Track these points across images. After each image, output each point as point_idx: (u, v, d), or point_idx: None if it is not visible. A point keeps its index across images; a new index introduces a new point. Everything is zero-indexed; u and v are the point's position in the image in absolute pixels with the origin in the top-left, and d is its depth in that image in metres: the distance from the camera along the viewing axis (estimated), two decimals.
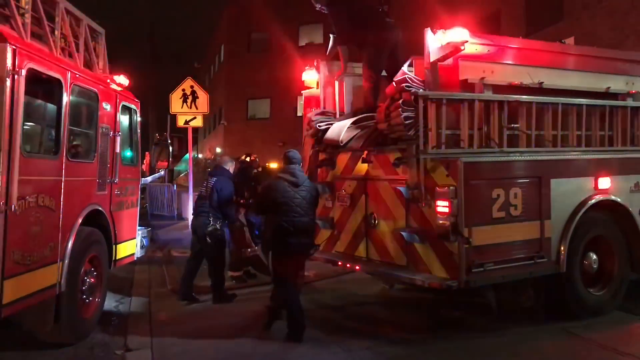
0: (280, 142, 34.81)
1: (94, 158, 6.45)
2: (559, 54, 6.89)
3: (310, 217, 6.32)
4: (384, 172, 6.54)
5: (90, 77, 6.49)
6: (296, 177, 6.30)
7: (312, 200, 6.36)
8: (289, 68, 27.19)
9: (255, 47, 36.81)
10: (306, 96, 8.41)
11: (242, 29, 36.62)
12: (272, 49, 35.09)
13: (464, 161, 5.61)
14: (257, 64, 34.66)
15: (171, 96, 13.88)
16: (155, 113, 30.08)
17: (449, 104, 5.80)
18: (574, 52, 7.00)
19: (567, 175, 6.36)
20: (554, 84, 6.53)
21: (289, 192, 6.19)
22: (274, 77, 32.20)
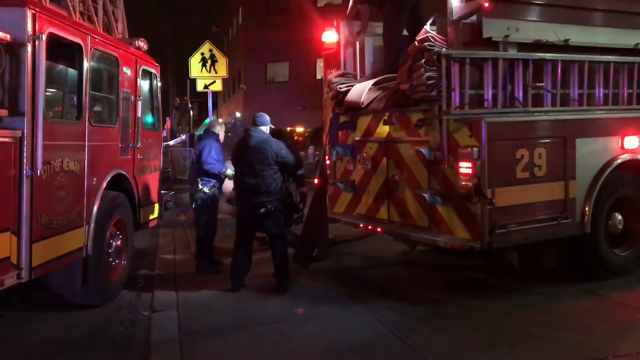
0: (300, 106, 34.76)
1: (116, 123, 6.47)
2: (587, 10, 6.67)
3: (261, 178, 6.46)
4: (406, 133, 6.48)
5: (109, 42, 6.47)
6: (248, 138, 6.63)
7: (265, 161, 6.47)
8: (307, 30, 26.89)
9: (273, 8, 36.37)
10: (326, 57, 8.30)
11: None
12: (290, 10, 34.65)
13: (487, 121, 5.52)
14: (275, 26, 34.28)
15: (190, 60, 13.84)
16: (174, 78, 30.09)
17: (472, 63, 5.68)
18: (602, 7, 6.76)
19: (593, 135, 6.24)
20: (580, 41, 6.34)
21: (237, 153, 6.72)
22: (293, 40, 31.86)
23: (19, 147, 4.68)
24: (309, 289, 6.59)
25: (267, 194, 6.51)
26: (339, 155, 7.59)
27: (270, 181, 6.53)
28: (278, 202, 6.62)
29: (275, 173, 6.59)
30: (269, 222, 6.59)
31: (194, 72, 13.80)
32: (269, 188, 6.51)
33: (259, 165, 6.50)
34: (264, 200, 6.50)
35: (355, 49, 7.86)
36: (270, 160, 6.53)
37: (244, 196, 6.64)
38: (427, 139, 6.09)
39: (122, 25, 7.98)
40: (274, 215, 6.58)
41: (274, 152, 6.56)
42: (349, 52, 7.91)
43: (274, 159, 6.55)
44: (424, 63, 5.78)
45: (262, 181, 6.50)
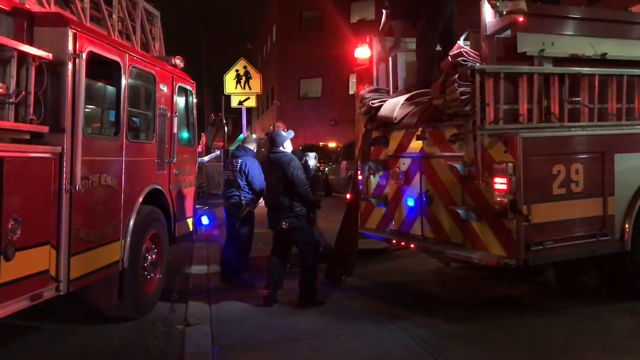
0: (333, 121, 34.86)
1: (153, 139, 6.58)
2: (624, 23, 6.54)
3: (281, 195, 6.61)
4: (439, 148, 6.43)
5: (147, 59, 6.60)
6: (268, 158, 6.96)
7: (283, 179, 6.61)
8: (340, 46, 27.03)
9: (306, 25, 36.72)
10: (359, 73, 8.31)
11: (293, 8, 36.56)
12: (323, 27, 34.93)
13: (522, 137, 5.43)
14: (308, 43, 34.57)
15: (225, 77, 14.05)
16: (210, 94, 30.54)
17: (506, 78, 5.61)
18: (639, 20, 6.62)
19: (632, 150, 6.08)
20: (618, 54, 6.21)
21: (264, 170, 7.37)
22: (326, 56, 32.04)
23: (59, 163, 4.79)
24: (342, 305, 6.54)
25: (288, 210, 6.58)
26: (371, 171, 7.56)
27: (289, 198, 6.59)
28: (297, 218, 6.62)
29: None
30: (293, 236, 6.68)
31: (228, 88, 14.00)
32: (289, 204, 6.58)
33: (279, 183, 6.66)
34: (283, 216, 6.59)
35: (388, 65, 7.85)
36: (288, 177, 6.60)
37: (269, 211, 6.84)
38: (461, 154, 6.02)
39: (159, 44, 8.15)
40: (297, 230, 6.63)
41: (288, 171, 6.60)
42: (382, 67, 7.90)
43: (289, 177, 6.60)
44: (457, 78, 5.73)
45: (282, 197, 6.61)
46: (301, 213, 6.66)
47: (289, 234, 6.64)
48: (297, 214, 6.63)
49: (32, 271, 4.50)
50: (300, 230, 6.64)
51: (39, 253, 4.58)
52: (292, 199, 6.61)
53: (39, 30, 4.83)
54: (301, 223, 6.65)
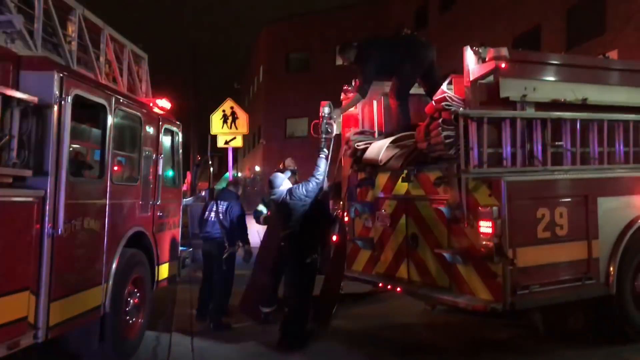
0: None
1: (138, 181, 6.55)
2: (603, 69, 6.70)
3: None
4: (424, 191, 6.45)
5: (133, 102, 6.62)
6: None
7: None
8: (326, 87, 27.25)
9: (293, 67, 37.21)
10: (344, 115, 8.39)
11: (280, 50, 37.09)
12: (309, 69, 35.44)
13: (507, 180, 5.48)
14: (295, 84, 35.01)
15: (212, 117, 14.09)
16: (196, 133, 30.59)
17: (490, 122, 5.69)
18: (618, 67, 6.80)
19: (615, 194, 6.16)
20: (598, 100, 6.34)
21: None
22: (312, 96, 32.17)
23: (42, 206, 4.74)
24: (329, 349, 6.45)
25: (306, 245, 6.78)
26: (357, 212, 7.56)
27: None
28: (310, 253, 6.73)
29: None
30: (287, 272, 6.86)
31: (215, 129, 14.03)
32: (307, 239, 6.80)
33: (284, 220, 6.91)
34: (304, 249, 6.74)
35: (373, 108, 7.94)
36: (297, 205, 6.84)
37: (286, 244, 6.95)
38: (446, 198, 6.05)
39: (146, 85, 8.19)
40: (293, 266, 6.75)
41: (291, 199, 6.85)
42: (367, 110, 7.99)
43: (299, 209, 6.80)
44: (441, 122, 5.81)
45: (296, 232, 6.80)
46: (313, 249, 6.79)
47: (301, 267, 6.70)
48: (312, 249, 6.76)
49: (9, 319, 4.39)
50: (296, 266, 6.73)
51: (17, 299, 4.48)
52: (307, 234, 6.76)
53: (25, 74, 4.84)
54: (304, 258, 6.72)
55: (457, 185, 5.81)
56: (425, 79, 7.42)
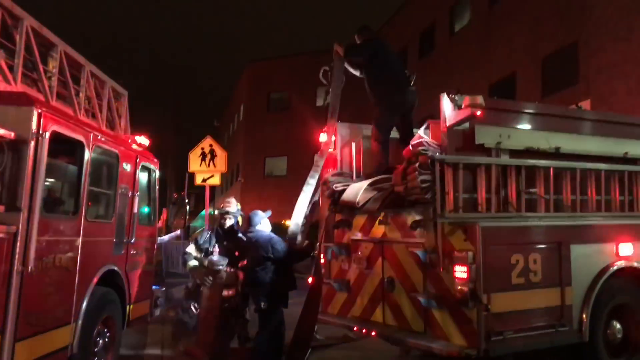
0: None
1: (112, 218, 6.49)
2: (576, 119, 6.89)
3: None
4: (401, 234, 6.48)
5: (111, 139, 6.62)
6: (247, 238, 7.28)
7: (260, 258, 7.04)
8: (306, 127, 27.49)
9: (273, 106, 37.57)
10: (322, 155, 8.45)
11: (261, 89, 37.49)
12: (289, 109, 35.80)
13: (482, 226, 5.54)
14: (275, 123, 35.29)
15: (190, 154, 14.08)
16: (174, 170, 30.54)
17: (465, 168, 5.79)
18: (591, 117, 7.00)
19: (588, 241, 6.23)
20: (571, 149, 6.49)
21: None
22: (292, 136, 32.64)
23: (12, 243, 4.66)
24: None
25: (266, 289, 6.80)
26: (334, 254, 7.54)
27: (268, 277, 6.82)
28: (267, 298, 6.76)
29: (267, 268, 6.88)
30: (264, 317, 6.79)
31: (192, 166, 14.00)
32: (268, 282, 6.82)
33: (257, 262, 6.89)
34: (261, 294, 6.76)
35: (352, 150, 8.02)
36: (267, 255, 6.85)
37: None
38: (423, 241, 6.09)
39: (125, 121, 8.20)
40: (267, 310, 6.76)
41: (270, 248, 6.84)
42: (346, 152, 8.07)
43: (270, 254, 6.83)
44: (418, 166, 5.88)
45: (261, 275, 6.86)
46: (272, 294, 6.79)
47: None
48: (270, 294, 6.76)
49: None
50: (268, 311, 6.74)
51: None
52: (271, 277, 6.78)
53: (3, 109, 4.83)
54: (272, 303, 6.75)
55: (433, 229, 5.85)
56: (402, 124, 7.55)
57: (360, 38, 8.08)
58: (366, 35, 8.05)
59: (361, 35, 8.07)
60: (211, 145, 14.18)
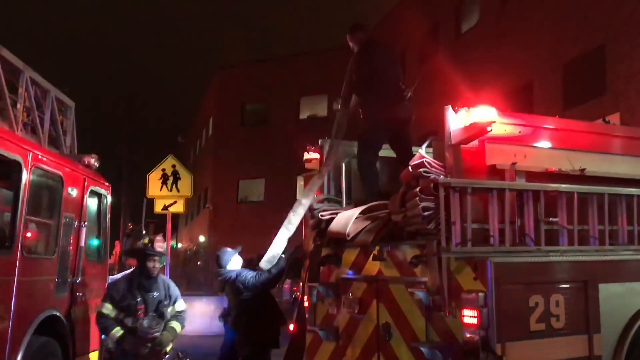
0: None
1: (54, 253, 6.44)
2: (604, 136, 6.98)
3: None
4: (399, 272, 6.48)
5: (54, 158, 6.60)
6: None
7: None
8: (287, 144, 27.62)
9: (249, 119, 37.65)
10: (307, 180, 8.47)
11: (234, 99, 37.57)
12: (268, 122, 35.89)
13: (494, 262, 5.54)
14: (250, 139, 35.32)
15: (149, 177, 14.04)
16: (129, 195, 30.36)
17: (475, 193, 5.81)
18: (621, 134, 7.09)
19: (619, 279, 6.26)
20: (598, 170, 6.56)
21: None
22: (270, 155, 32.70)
23: None
24: None
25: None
26: (320, 296, 7.51)
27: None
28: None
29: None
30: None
31: (152, 191, 13.96)
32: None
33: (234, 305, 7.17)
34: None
35: (341, 171, 8.04)
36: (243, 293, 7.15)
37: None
38: (425, 280, 6.08)
39: (72, 138, 8.18)
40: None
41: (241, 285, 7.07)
42: (333, 174, 8.09)
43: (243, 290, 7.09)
44: (419, 192, 5.90)
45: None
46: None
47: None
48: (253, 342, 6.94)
49: None
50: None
51: None
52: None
53: None
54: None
55: (437, 266, 5.85)
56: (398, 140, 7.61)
57: (352, 39, 8.18)
58: (359, 36, 8.15)
59: (354, 36, 8.16)
60: (174, 166, 14.17)
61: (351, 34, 8.25)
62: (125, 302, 7.03)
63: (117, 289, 7.13)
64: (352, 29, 8.28)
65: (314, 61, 34.46)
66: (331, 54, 32.35)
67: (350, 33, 8.26)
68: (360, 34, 8.23)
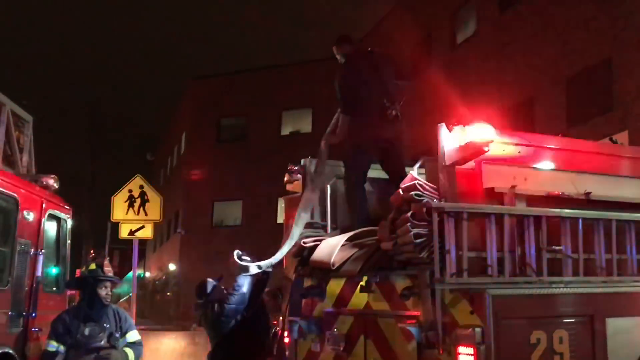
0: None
1: (7, 284, 6.38)
2: (611, 157, 7.04)
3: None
4: (389, 305, 6.47)
5: (8, 179, 6.55)
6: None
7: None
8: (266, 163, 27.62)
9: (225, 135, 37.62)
10: (288, 203, 8.47)
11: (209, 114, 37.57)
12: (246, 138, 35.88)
13: (492, 294, 5.55)
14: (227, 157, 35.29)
15: (114, 199, 13.95)
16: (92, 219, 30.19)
17: (471, 218, 5.82)
18: (629, 155, 7.15)
19: (628, 313, 6.29)
20: (605, 194, 6.61)
21: None
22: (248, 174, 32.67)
23: None
24: None
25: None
26: (302, 331, 7.48)
27: None
28: None
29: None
30: None
31: (117, 214, 13.88)
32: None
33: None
34: None
35: (326, 194, 8.04)
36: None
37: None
38: (417, 314, 6.07)
39: (29, 157, 8.13)
40: None
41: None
42: (317, 196, 8.09)
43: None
44: (410, 217, 5.90)
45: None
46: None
47: None
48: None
49: None
50: None
51: None
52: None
53: None
54: None
55: (431, 299, 5.85)
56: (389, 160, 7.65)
57: (339, 51, 8.25)
58: (346, 48, 8.22)
59: (340, 48, 8.24)
60: (142, 186, 14.12)
61: (337, 46, 8.32)
62: (71, 336, 6.85)
63: (62, 323, 6.95)
64: (339, 41, 8.36)
65: (297, 72, 34.59)
66: (316, 65, 32.45)
67: (337, 44, 8.33)
68: (347, 45, 8.31)
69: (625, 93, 16.41)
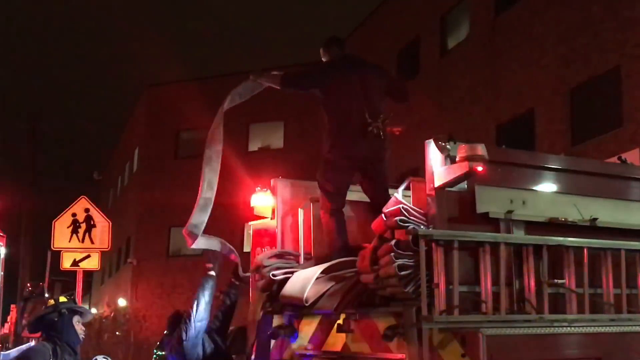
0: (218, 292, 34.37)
1: None
2: (620, 178, 7.09)
3: None
4: (369, 347, 6.47)
5: None
6: None
7: None
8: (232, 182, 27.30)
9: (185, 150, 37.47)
10: (256, 229, 8.46)
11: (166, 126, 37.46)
12: None
13: (487, 334, 5.55)
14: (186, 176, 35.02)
15: (55, 224, 13.85)
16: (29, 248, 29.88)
17: (463, 247, 5.83)
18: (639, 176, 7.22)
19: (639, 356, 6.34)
20: (613, 220, 6.66)
21: None
22: None
23: None
24: None
25: None
26: None
27: None
28: None
29: None
30: None
31: (58, 242, 13.79)
32: None
33: None
34: None
35: (298, 219, 8.04)
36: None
37: None
38: (401, 358, 6.07)
39: None
40: None
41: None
42: (289, 222, 8.08)
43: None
44: (394, 246, 5.90)
45: None
46: None
47: None
48: None
49: None
50: None
51: None
52: None
53: None
54: None
55: (417, 340, 5.85)
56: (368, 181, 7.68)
57: (326, 54, 8.28)
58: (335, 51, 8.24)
59: (327, 51, 8.27)
60: (87, 210, 14.05)
61: (325, 48, 8.32)
62: None
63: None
64: (328, 43, 8.36)
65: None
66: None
67: (325, 47, 8.34)
68: (336, 49, 8.31)
69: (635, 107, 16.52)
